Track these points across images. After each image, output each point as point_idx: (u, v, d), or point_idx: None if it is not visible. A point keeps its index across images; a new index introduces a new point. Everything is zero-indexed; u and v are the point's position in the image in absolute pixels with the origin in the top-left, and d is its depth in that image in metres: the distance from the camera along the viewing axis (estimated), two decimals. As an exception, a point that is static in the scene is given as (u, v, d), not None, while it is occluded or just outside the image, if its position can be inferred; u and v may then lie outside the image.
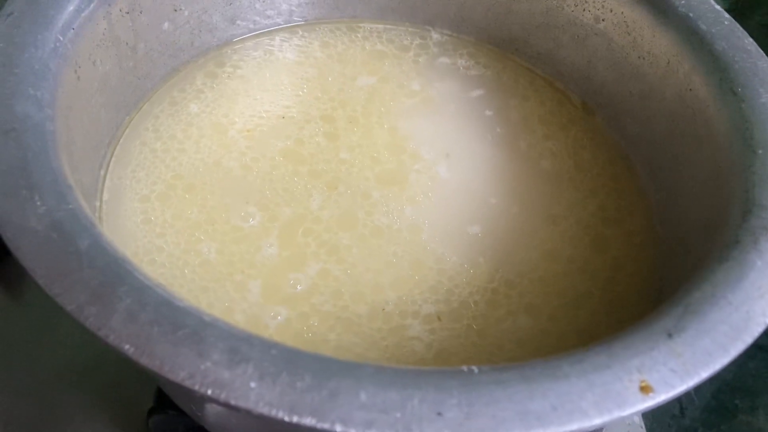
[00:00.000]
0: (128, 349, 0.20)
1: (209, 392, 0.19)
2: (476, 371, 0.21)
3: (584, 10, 0.39)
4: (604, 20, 0.39)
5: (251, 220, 0.33)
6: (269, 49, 0.42)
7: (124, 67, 0.35)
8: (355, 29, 0.44)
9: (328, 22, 0.44)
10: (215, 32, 0.40)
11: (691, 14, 0.34)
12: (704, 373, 0.21)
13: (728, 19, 0.34)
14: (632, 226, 0.35)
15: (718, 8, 0.35)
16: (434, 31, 0.44)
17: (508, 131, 0.39)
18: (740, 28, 0.34)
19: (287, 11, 0.43)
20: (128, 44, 0.35)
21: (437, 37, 0.44)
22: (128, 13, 0.34)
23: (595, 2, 0.39)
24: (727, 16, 0.34)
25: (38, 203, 0.23)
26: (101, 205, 0.33)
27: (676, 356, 0.22)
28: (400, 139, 0.38)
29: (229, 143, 0.36)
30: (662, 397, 0.21)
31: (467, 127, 0.39)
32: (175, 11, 0.37)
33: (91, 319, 0.20)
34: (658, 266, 0.33)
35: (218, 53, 0.41)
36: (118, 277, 0.21)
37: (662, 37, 0.35)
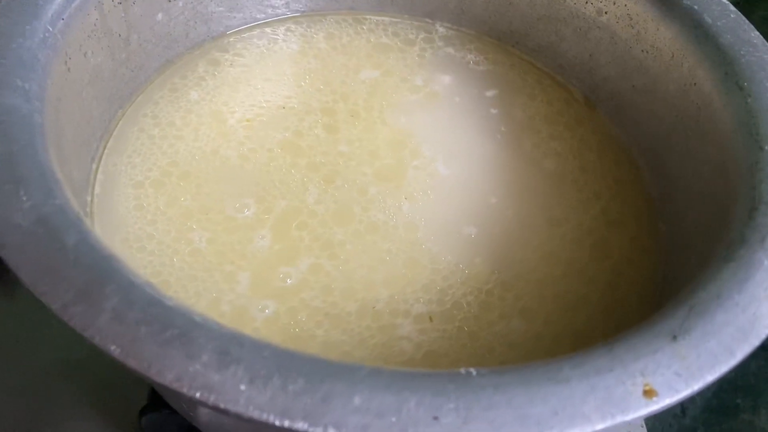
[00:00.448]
0: (114, 349, 0.19)
1: (198, 395, 0.18)
2: (474, 374, 0.20)
3: (586, 2, 0.39)
4: (606, 13, 0.38)
5: (246, 211, 0.33)
6: (273, 38, 0.41)
7: (116, 58, 0.34)
8: (361, 21, 0.43)
9: (333, 13, 0.43)
10: (210, 23, 0.39)
11: (696, 7, 0.34)
12: (710, 376, 0.21)
13: (734, 11, 0.33)
14: (635, 231, 0.35)
15: (723, 0, 0.34)
16: (437, 24, 0.43)
17: (512, 130, 0.38)
18: (746, 21, 0.33)
19: (284, 2, 0.42)
20: (121, 36, 0.34)
21: (443, 31, 0.43)
22: (120, 3, 0.33)
23: (597, -6, 0.38)
24: (732, 8, 0.34)
25: (24, 198, 0.22)
26: (93, 199, 0.32)
27: (680, 359, 0.21)
28: (400, 134, 0.37)
29: (227, 132, 0.36)
30: (666, 401, 0.20)
31: (470, 124, 0.38)
32: (169, 2, 0.36)
33: (76, 318, 0.20)
34: (659, 271, 0.33)
35: (221, 42, 0.40)
36: (105, 274, 0.21)
37: (666, 30, 0.35)
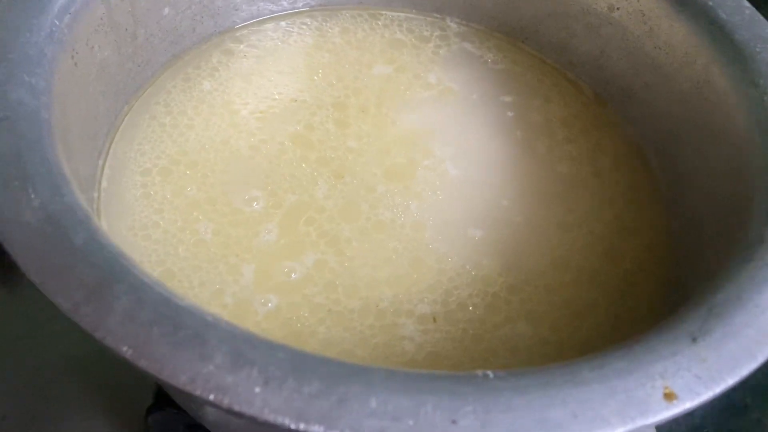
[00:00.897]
0: (126, 351, 0.19)
1: (211, 397, 0.18)
2: (491, 376, 0.20)
3: (598, -2, 0.38)
4: (618, 9, 0.37)
5: (255, 204, 0.32)
6: (288, 31, 0.41)
7: (123, 53, 0.34)
8: (376, 16, 0.43)
9: (349, 8, 0.42)
10: (217, 18, 0.39)
11: (710, 3, 0.33)
12: (730, 379, 0.20)
13: (749, 7, 0.33)
14: (649, 239, 0.34)
15: (738, -4, 0.33)
16: (447, 19, 0.43)
17: (526, 132, 0.38)
18: (762, 17, 0.33)
19: (290, -2, 0.41)
20: (127, 30, 0.33)
21: (456, 27, 0.43)
22: (127, -3, 0.33)
23: (609, -10, 0.37)
24: (747, 4, 0.33)
25: (32, 195, 0.22)
26: (99, 194, 0.32)
27: (700, 361, 0.21)
28: (411, 132, 0.37)
29: (239, 123, 0.36)
30: (687, 404, 0.20)
31: (483, 124, 0.38)
32: (175, -4, 0.36)
33: (87, 319, 0.19)
34: (672, 280, 0.32)
35: (235, 33, 0.40)
36: (115, 274, 0.20)
37: (680, 26, 0.34)
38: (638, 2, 0.36)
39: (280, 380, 0.18)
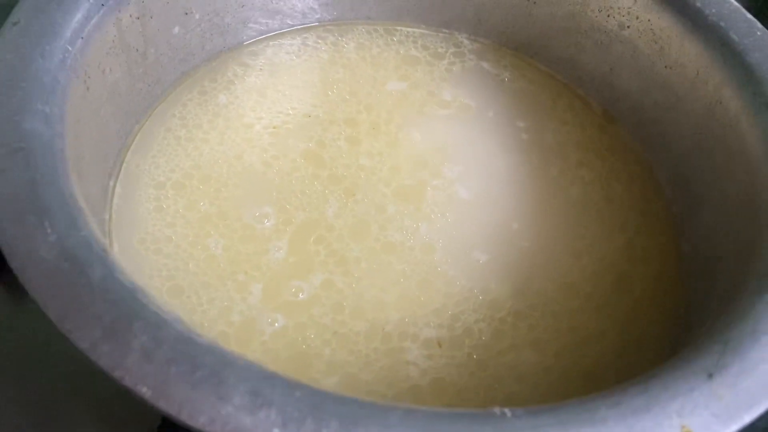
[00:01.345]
0: (145, 392, 0.19)
1: (231, 439, 0.18)
2: (509, 414, 0.20)
3: (608, 16, 0.38)
4: (629, 27, 0.37)
5: (266, 221, 0.32)
6: (305, 45, 0.41)
7: (133, 74, 0.34)
8: (392, 32, 0.43)
9: (363, 23, 0.42)
10: (227, 35, 0.39)
11: (722, 23, 0.33)
12: (747, 417, 0.20)
13: (761, 29, 0.33)
14: (661, 268, 0.34)
15: (750, 18, 0.33)
16: (459, 35, 0.43)
17: (540, 153, 0.37)
18: (774, 39, 0.33)
19: (300, 14, 0.41)
20: (138, 50, 0.33)
21: (471, 45, 0.43)
22: (138, 18, 0.33)
23: (620, 9, 0.37)
24: (760, 26, 0.33)
25: (48, 230, 0.22)
26: (110, 216, 0.32)
27: (717, 399, 0.21)
28: (422, 150, 0.36)
29: (253, 138, 0.36)
30: (704, 443, 0.20)
31: (496, 143, 0.38)
32: (186, 14, 0.36)
33: (105, 358, 0.19)
34: (682, 311, 0.32)
35: (252, 47, 0.40)
36: (133, 311, 0.20)
37: (691, 47, 0.34)
38: (649, 21, 0.36)
39: (298, 421, 0.18)
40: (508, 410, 0.20)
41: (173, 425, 0.36)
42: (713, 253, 0.31)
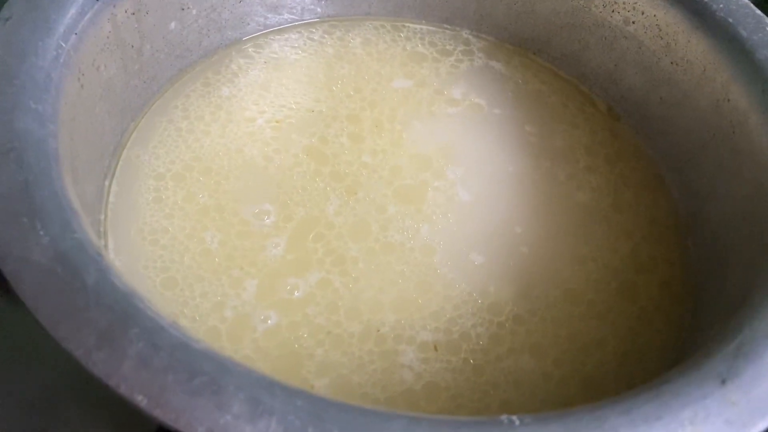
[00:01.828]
0: (141, 400, 0.18)
1: (230, 450, 0.18)
2: (517, 422, 0.19)
3: (613, 11, 0.37)
4: (634, 23, 0.37)
5: (265, 217, 0.32)
6: (310, 40, 0.41)
7: (129, 70, 0.33)
8: (399, 28, 0.42)
9: (371, 18, 0.42)
10: (224, 31, 0.38)
11: (730, 19, 0.33)
12: (762, 424, 0.20)
13: (770, 24, 0.32)
14: (666, 275, 0.33)
15: (759, 13, 0.33)
16: (461, 30, 0.42)
17: (547, 157, 0.37)
18: (783, 35, 0.32)
19: (299, 9, 0.40)
20: (133, 46, 0.33)
21: (478, 42, 0.42)
22: (134, 13, 0.32)
23: (625, 4, 0.37)
24: (768, 21, 0.32)
25: (41, 232, 0.21)
26: (106, 216, 0.31)
27: (730, 405, 0.20)
28: (425, 150, 0.36)
29: (255, 132, 0.35)
30: (718, 452, 0.19)
31: (501, 145, 0.37)
32: (182, 10, 0.35)
33: (99, 365, 0.19)
34: (686, 319, 0.31)
35: (257, 40, 0.40)
36: (128, 316, 0.20)
37: (698, 42, 0.34)
38: (655, 17, 0.36)
39: (299, 430, 0.18)
40: (515, 417, 0.19)
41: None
42: (724, 258, 0.31)
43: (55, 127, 0.25)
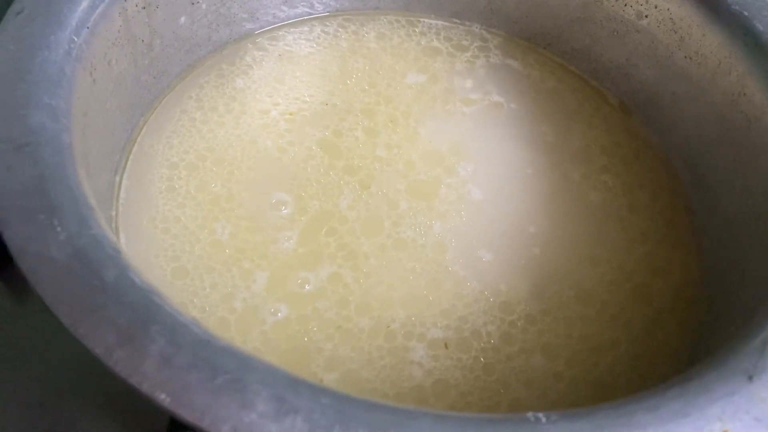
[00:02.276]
0: (164, 399, 0.18)
1: (256, 449, 0.17)
2: (543, 420, 0.19)
3: (626, 5, 0.37)
4: (647, 17, 0.36)
5: (278, 209, 0.32)
6: (325, 33, 0.40)
7: (139, 65, 0.32)
8: (414, 23, 0.42)
9: (384, 13, 0.42)
10: (233, 26, 0.38)
11: (745, 13, 0.32)
12: (790, 421, 0.20)
13: (786, 18, 0.32)
14: (680, 278, 0.33)
15: (775, 6, 0.32)
16: (471, 25, 0.42)
17: (562, 156, 0.36)
18: (800, 28, 0.32)
19: (308, 3, 0.40)
20: (144, 41, 0.32)
21: (494, 39, 0.42)
22: (144, 8, 0.32)
23: (638, -3, 0.36)
24: (784, 14, 0.32)
25: (58, 229, 0.21)
26: (117, 212, 0.31)
27: (759, 401, 0.20)
28: (439, 146, 0.36)
29: (269, 124, 0.35)
30: (747, 449, 0.19)
31: (517, 142, 0.37)
32: (192, 4, 0.35)
33: (121, 363, 0.18)
34: (700, 322, 0.31)
35: (272, 33, 0.40)
36: (148, 313, 0.19)
37: (713, 36, 0.33)
38: (668, 11, 0.35)
39: (326, 429, 0.18)
40: (542, 415, 0.19)
41: (183, 427, 0.35)
42: (737, 252, 0.30)
43: (68, 122, 0.24)
